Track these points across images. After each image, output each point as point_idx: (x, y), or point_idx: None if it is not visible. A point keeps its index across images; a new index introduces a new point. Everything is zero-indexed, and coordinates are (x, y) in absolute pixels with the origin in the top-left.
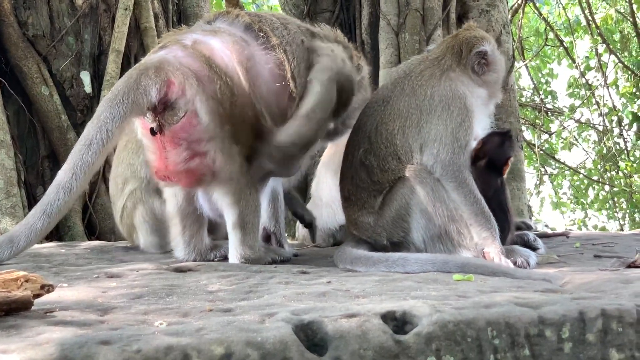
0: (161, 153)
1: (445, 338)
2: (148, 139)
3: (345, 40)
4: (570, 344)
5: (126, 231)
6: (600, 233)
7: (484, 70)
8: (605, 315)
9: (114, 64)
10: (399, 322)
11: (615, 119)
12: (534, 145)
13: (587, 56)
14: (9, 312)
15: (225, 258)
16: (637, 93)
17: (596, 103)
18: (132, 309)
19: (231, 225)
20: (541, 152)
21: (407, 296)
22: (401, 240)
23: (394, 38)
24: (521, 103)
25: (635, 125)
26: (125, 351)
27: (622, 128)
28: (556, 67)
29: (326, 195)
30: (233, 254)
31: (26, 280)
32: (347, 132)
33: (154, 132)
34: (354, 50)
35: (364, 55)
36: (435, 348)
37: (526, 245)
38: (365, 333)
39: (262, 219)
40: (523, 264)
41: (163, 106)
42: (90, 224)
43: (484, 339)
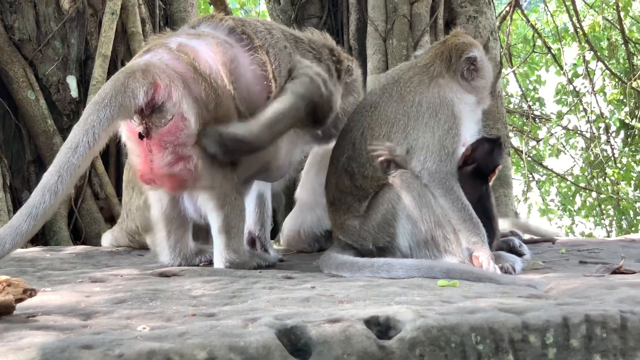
0: (146, 156)
1: (429, 343)
2: (133, 142)
3: (334, 44)
4: (554, 349)
5: (144, 230)
6: (586, 239)
7: (473, 76)
8: (589, 321)
9: (100, 69)
10: (382, 328)
11: (602, 126)
12: (522, 151)
13: (575, 63)
14: None
15: (210, 263)
16: (625, 100)
17: (584, 110)
18: (115, 314)
19: (216, 230)
20: (529, 159)
21: (392, 301)
22: (387, 245)
23: (381, 44)
24: (509, 110)
25: (622, 132)
26: (108, 355)
27: (610, 135)
28: (544, 74)
29: (310, 199)
30: (218, 258)
31: (8, 285)
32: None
33: (141, 137)
34: (343, 53)
35: None
36: (419, 353)
37: (512, 251)
38: (349, 338)
39: (248, 223)
40: (509, 269)
41: (150, 109)
42: (76, 229)
43: (468, 344)
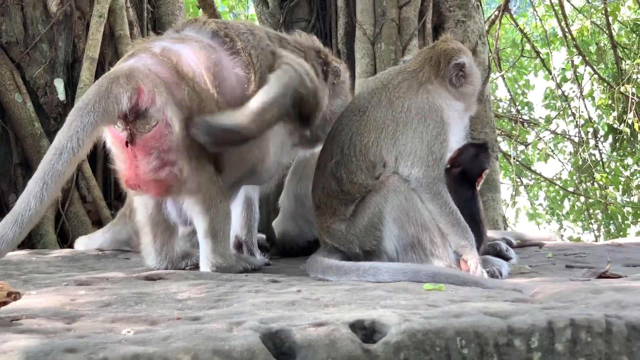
0: (131, 162)
1: (413, 347)
2: (118, 147)
3: (321, 46)
4: (539, 353)
5: None
6: (573, 243)
7: (461, 82)
8: (574, 325)
9: (88, 72)
10: (367, 331)
11: (591, 130)
12: (510, 156)
13: (564, 68)
14: None
15: (197, 266)
16: (613, 105)
17: (572, 114)
18: (100, 317)
19: (202, 234)
20: (517, 163)
21: (377, 305)
22: (373, 249)
23: (370, 48)
24: (498, 114)
25: (610, 136)
26: (92, 359)
27: (598, 140)
28: (532, 79)
29: (292, 209)
30: (204, 262)
31: None
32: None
33: (127, 144)
34: (331, 55)
35: None
36: (404, 357)
37: (499, 255)
38: (334, 342)
39: (234, 227)
40: (495, 273)
41: (134, 115)
42: (63, 232)
43: (453, 348)
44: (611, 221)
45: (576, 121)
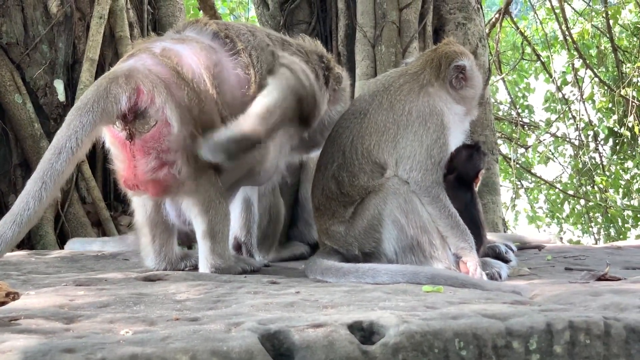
0: (130, 162)
1: (412, 349)
2: (117, 147)
3: (325, 51)
4: (537, 355)
5: None
6: (572, 246)
7: (462, 85)
8: (572, 327)
9: (88, 73)
10: (366, 333)
11: (591, 133)
12: (510, 159)
13: (564, 71)
14: None
15: (195, 267)
16: (613, 108)
17: (572, 117)
18: (99, 318)
19: (201, 235)
20: (517, 166)
21: (375, 307)
22: (373, 251)
23: (370, 50)
24: (498, 117)
25: (610, 140)
26: (90, 359)
27: (598, 143)
28: (533, 82)
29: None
30: (203, 263)
31: None
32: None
33: (126, 143)
34: (334, 61)
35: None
36: (402, 359)
37: (498, 257)
38: (332, 343)
39: (233, 228)
40: (494, 276)
41: (133, 115)
42: (63, 233)
43: (451, 350)
44: (611, 224)
45: (576, 124)
